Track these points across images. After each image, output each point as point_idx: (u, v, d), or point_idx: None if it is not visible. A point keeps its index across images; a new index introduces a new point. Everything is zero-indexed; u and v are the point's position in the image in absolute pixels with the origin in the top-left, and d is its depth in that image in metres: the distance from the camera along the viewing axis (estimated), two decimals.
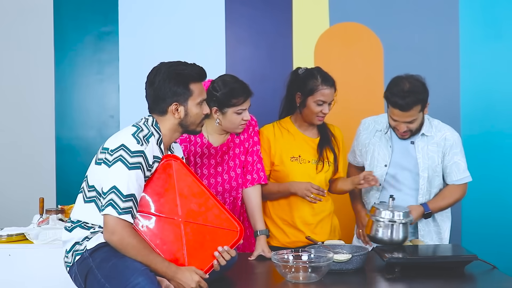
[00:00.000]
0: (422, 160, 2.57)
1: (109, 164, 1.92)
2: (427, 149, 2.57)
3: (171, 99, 2.03)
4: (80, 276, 1.95)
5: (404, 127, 2.49)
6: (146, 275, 1.82)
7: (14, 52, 3.65)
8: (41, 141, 3.62)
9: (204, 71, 2.11)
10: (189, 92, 2.04)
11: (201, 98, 2.08)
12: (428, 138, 2.58)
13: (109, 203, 1.88)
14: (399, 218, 2.32)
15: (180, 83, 2.03)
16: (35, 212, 2.90)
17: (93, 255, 1.93)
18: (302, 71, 2.66)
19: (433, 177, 2.59)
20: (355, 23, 3.49)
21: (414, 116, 2.46)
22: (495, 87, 3.42)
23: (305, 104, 2.61)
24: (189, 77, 2.05)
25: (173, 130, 2.08)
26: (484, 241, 3.32)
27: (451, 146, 2.58)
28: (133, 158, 1.91)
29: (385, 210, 2.34)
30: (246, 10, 3.52)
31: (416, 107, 2.43)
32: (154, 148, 2.00)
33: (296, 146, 2.68)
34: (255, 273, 2.33)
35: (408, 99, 2.40)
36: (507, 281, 2.10)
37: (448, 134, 2.59)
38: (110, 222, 1.88)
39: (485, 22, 3.43)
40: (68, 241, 2.01)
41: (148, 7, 3.56)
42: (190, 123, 2.08)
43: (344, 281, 2.10)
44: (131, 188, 1.90)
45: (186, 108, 2.05)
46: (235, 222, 2.07)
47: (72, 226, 2.01)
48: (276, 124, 2.74)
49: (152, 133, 2.01)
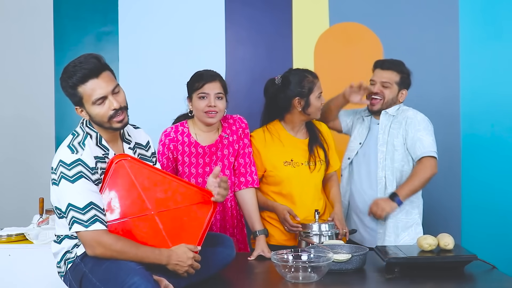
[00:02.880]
0: (382, 136, 2.76)
1: (57, 183, 1.90)
2: (389, 127, 2.76)
3: (74, 103, 1.96)
4: (74, 282, 1.94)
5: (378, 88, 2.75)
6: (141, 274, 1.81)
7: (14, 52, 3.65)
8: (41, 141, 3.62)
9: (95, 66, 1.91)
10: (78, 95, 1.92)
11: (94, 97, 1.91)
12: (392, 117, 2.78)
13: (73, 221, 1.86)
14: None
15: (68, 88, 1.93)
16: (35, 212, 2.90)
17: (84, 260, 1.92)
18: (279, 80, 2.69)
19: (393, 152, 2.72)
20: (355, 23, 3.49)
21: (389, 80, 2.76)
22: (495, 87, 3.42)
23: (309, 103, 2.65)
24: (73, 80, 1.90)
25: (99, 128, 2.00)
26: (484, 241, 3.32)
27: (413, 123, 2.73)
28: (72, 170, 1.88)
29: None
30: (246, 10, 3.52)
31: (393, 73, 2.76)
32: (92, 149, 1.95)
33: (287, 151, 2.70)
34: (255, 273, 2.33)
35: (389, 61, 2.80)
36: (507, 281, 2.10)
37: (410, 113, 2.78)
38: (84, 238, 1.87)
39: (485, 22, 3.43)
40: (58, 252, 2.01)
41: (148, 7, 3.56)
42: (101, 122, 1.96)
43: (344, 281, 2.09)
44: (85, 199, 1.87)
45: (86, 110, 1.95)
46: (205, 192, 2.09)
47: (60, 238, 2.01)
48: (265, 129, 2.74)
49: (88, 134, 1.97)
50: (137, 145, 2.15)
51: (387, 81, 2.76)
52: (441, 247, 2.27)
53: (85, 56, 1.94)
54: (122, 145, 2.09)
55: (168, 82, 3.46)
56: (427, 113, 2.81)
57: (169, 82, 3.42)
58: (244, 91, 3.42)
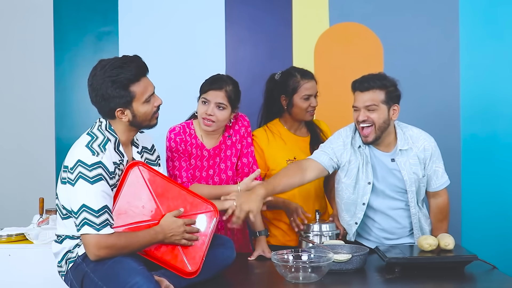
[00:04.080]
0: (408, 176, 2.47)
1: (72, 183, 1.88)
2: (409, 164, 2.48)
3: (114, 105, 1.94)
4: (75, 281, 1.95)
5: (363, 115, 2.38)
6: (143, 274, 1.82)
7: (14, 52, 3.65)
8: (41, 141, 3.61)
9: (143, 64, 1.99)
10: (130, 95, 1.94)
11: (147, 94, 1.98)
12: (407, 151, 2.48)
13: (84, 222, 1.85)
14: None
15: (118, 89, 1.92)
16: (35, 212, 2.90)
17: (86, 260, 1.93)
18: (278, 76, 2.70)
19: (419, 188, 2.52)
20: (355, 23, 3.49)
21: (374, 101, 2.38)
22: (495, 87, 3.42)
23: (292, 103, 2.64)
24: (125, 80, 1.92)
25: (127, 130, 2.03)
26: (484, 241, 3.32)
27: (431, 156, 2.50)
28: (93, 171, 1.87)
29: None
30: (246, 10, 3.52)
31: (375, 92, 2.38)
32: (112, 154, 1.95)
33: (290, 149, 2.69)
34: (255, 273, 2.33)
35: (368, 80, 2.39)
36: (507, 281, 2.10)
37: (426, 144, 2.50)
38: (91, 240, 1.86)
39: (485, 22, 3.43)
40: (59, 252, 2.01)
41: (148, 7, 3.56)
42: (142, 121, 2.01)
43: (344, 281, 2.10)
44: (100, 202, 1.87)
45: (132, 110, 1.97)
46: (208, 203, 2.11)
47: (61, 238, 2.01)
48: (266, 128, 2.74)
49: (108, 139, 1.97)
50: (144, 149, 2.16)
51: (371, 104, 2.38)
52: (441, 247, 2.27)
53: (125, 57, 1.97)
54: (132, 149, 2.10)
55: (168, 82, 3.44)
56: (427, 114, 2.81)
57: (169, 82, 3.41)
58: (244, 91, 3.37)
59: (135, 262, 1.88)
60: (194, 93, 2.66)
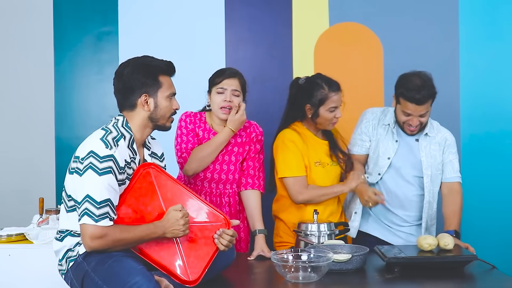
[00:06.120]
0: (426, 159, 2.67)
1: (80, 173, 1.90)
2: (429, 148, 2.68)
3: (140, 90, 2.01)
4: (76, 280, 1.94)
5: (417, 121, 2.59)
6: (143, 274, 1.82)
7: (14, 52, 3.65)
8: (41, 142, 3.62)
9: (174, 67, 2.10)
10: (158, 83, 2.03)
11: (170, 91, 2.07)
12: (431, 138, 2.70)
13: (84, 212, 1.86)
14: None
15: (148, 74, 2.02)
16: (35, 212, 2.90)
17: (87, 259, 1.93)
18: (302, 81, 2.66)
19: (436, 176, 2.67)
20: (355, 23, 3.49)
21: (427, 109, 2.57)
22: (495, 87, 3.42)
23: (318, 114, 2.62)
24: (157, 68, 2.04)
25: (144, 126, 2.06)
26: (484, 241, 3.31)
27: (449, 145, 2.72)
28: (103, 163, 1.88)
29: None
30: (246, 10, 3.52)
31: (429, 101, 2.55)
32: (124, 151, 1.96)
33: (316, 151, 2.68)
34: (255, 273, 2.33)
35: (424, 92, 2.50)
36: (507, 281, 2.10)
37: (448, 135, 2.74)
38: (88, 230, 1.87)
39: (485, 22, 3.43)
40: (60, 250, 2.01)
41: (148, 7, 3.56)
42: (160, 117, 2.06)
43: (344, 281, 2.09)
44: (104, 194, 1.88)
45: (155, 100, 2.03)
46: (219, 213, 2.09)
47: (62, 236, 2.01)
48: (295, 129, 2.69)
49: (122, 135, 1.99)
50: (153, 154, 2.18)
51: (425, 112, 2.57)
52: (441, 247, 2.27)
53: (155, 58, 2.08)
54: (143, 150, 2.12)
55: None
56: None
57: None
58: None
59: (135, 262, 1.89)
60: (194, 92, 2.67)
